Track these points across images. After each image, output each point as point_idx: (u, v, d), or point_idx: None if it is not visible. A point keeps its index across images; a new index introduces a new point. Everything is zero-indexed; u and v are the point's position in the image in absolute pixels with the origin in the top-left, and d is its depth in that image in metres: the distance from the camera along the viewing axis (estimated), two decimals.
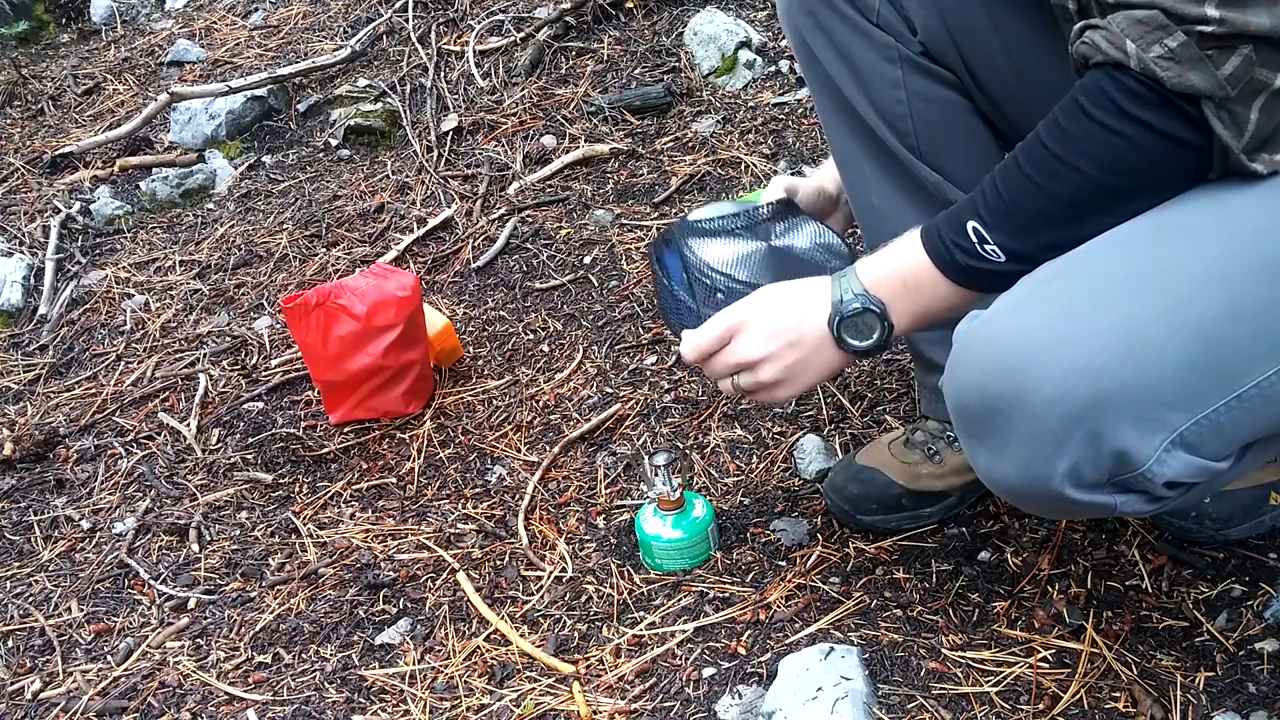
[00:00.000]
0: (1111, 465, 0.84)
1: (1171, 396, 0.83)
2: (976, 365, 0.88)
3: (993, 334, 0.88)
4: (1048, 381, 0.83)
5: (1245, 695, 1.10)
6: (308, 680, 1.39)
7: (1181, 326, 0.83)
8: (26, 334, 2.27)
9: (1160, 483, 0.85)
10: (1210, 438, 0.85)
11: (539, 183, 2.31)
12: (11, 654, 1.53)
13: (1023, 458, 0.86)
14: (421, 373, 1.78)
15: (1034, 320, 0.86)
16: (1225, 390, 0.84)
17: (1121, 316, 0.83)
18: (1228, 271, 0.84)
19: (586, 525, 1.52)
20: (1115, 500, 0.87)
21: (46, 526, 1.75)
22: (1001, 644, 1.20)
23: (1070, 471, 0.85)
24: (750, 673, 1.24)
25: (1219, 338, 0.83)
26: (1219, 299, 0.84)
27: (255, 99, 2.80)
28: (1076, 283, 0.87)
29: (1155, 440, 0.83)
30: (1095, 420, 0.82)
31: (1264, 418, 0.86)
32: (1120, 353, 0.82)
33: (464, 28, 2.83)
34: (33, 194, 2.71)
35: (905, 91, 1.17)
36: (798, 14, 1.20)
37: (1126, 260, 0.87)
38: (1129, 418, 0.82)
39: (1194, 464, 0.85)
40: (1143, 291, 0.85)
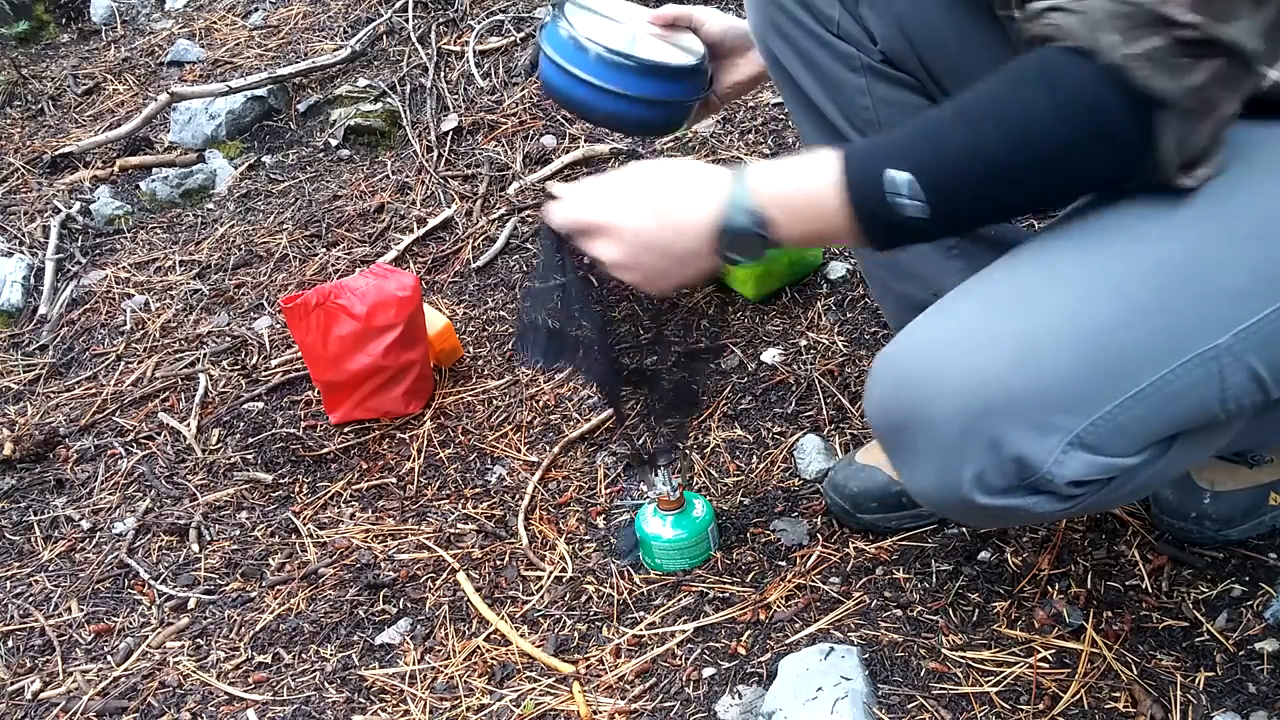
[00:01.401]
0: (1014, 470, 0.87)
1: (1063, 401, 0.86)
2: (884, 385, 0.93)
3: (897, 353, 0.92)
4: (945, 395, 0.87)
5: (1245, 695, 1.10)
6: (308, 680, 1.39)
7: (1070, 335, 0.86)
8: (26, 334, 2.27)
9: (1062, 482, 0.87)
10: (1110, 437, 0.87)
11: (539, 183, 2.31)
12: (11, 654, 1.54)
13: (933, 469, 0.90)
14: (421, 373, 1.78)
15: (931, 338, 0.91)
16: (1119, 391, 0.86)
17: (1012, 329, 0.87)
18: (1118, 278, 0.88)
19: (586, 525, 1.52)
20: (1027, 502, 0.89)
21: (46, 526, 1.75)
22: (1001, 644, 1.20)
23: (977, 479, 0.88)
24: (750, 673, 1.24)
25: (1109, 343, 0.86)
26: (1108, 306, 0.87)
27: (255, 99, 2.80)
28: (972, 301, 0.91)
29: (1051, 443, 0.86)
30: (992, 429, 0.86)
31: (1170, 414, 0.88)
32: (1011, 363, 0.86)
33: (464, 28, 2.83)
34: (33, 194, 2.71)
35: (870, 98, 1.21)
36: (765, 28, 1.23)
37: (1020, 275, 0.91)
38: (1023, 424, 0.85)
39: (1097, 462, 0.87)
40: (1034, 304, 0.88)
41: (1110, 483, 0.90)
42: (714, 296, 1.89)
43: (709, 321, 1.83)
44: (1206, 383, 0.88)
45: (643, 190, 0.99)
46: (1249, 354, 0.87)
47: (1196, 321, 0.87)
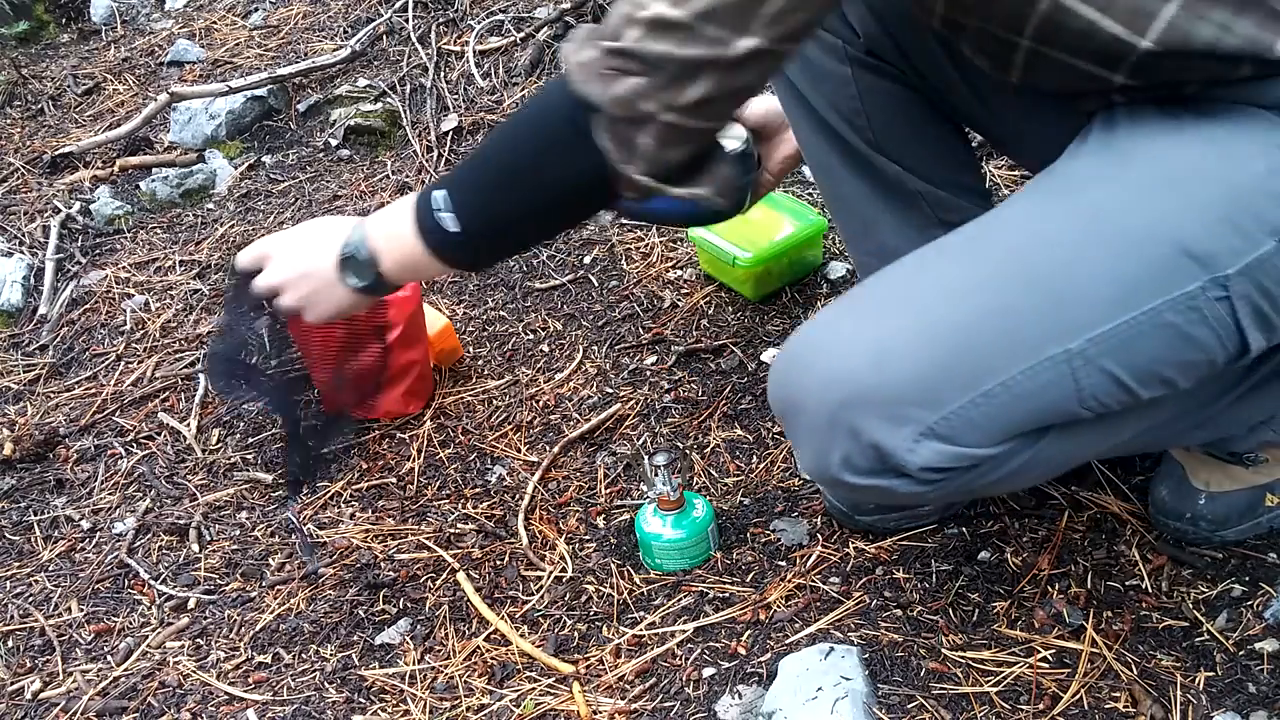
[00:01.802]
0: (874, 455, 0.95)
1: (916, 396, 0.94)
2: (774, 378, 1.04)
3: (785, 352, 1.03)
4: (813, 389, 0.98)
5: (1245, 695, 1.10)
6: (308, 680, 1.39)
7: (926, 337, 0.95)
8: (26, 334, 2.27)
9: (916, 468, 0.95)
10: (962, 430, 0.94)
11: None
12: (11, 654, 1.54)
13: (810, 451, 1.00)
14: (421, 373, 1.78)
15: (808, 338, 1.01)
16: (968, 389, 0.93)
17: (875, 330, 0.96)
18: (974, 285, 0.96)
19: (586, 525, 1.52)
20: (891, 483, 0.97)
21: (46, 526, 1.75)
22: (1001, 644, 1.20)
23: (843, 461, 0.97)
24: (750, 673, 1.24)
25: (959, 345, 0.94)
26: (961, 311, 0.95)
27: (255, 99, 2.80)
28: (846, 304, 1.02)
29: (904, 433, 0.94)
30: (852, 418, 0.95)
31: (1024, 411, 0.95)
32: (870, 361, 0.95)
33: (464, 28, 2.83)
34: (33, 194, 2.71)
35: (856, 88, 1.25)
36: None
37: (891, 280, 1.00)
38: (879, 415, 0.94)
39: (950, 452, 0.95)
40: (897, 308, 0.97)
41: (975, 469, 0.97)
42: (714, 296, 1.89)
43: (709, 321, 1.84)
44: (1058, 384, 0.93)
45: (298, 234, 1.23)
46: (1104, 358, 0.93)
47: (1047, 326, 0.93)
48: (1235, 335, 0.94)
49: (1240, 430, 1.18)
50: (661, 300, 1.92)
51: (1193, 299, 0.92)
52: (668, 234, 2.07)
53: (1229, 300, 0.92)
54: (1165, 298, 0.92)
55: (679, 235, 2.05)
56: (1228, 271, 0.92)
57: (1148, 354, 0.94)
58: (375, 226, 1.13)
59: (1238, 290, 0.92)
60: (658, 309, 1.90)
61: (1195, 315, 0.93)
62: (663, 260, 2.01)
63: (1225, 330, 0.94)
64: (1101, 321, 0.92)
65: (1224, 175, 0.93)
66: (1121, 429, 1.03)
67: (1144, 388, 0.95)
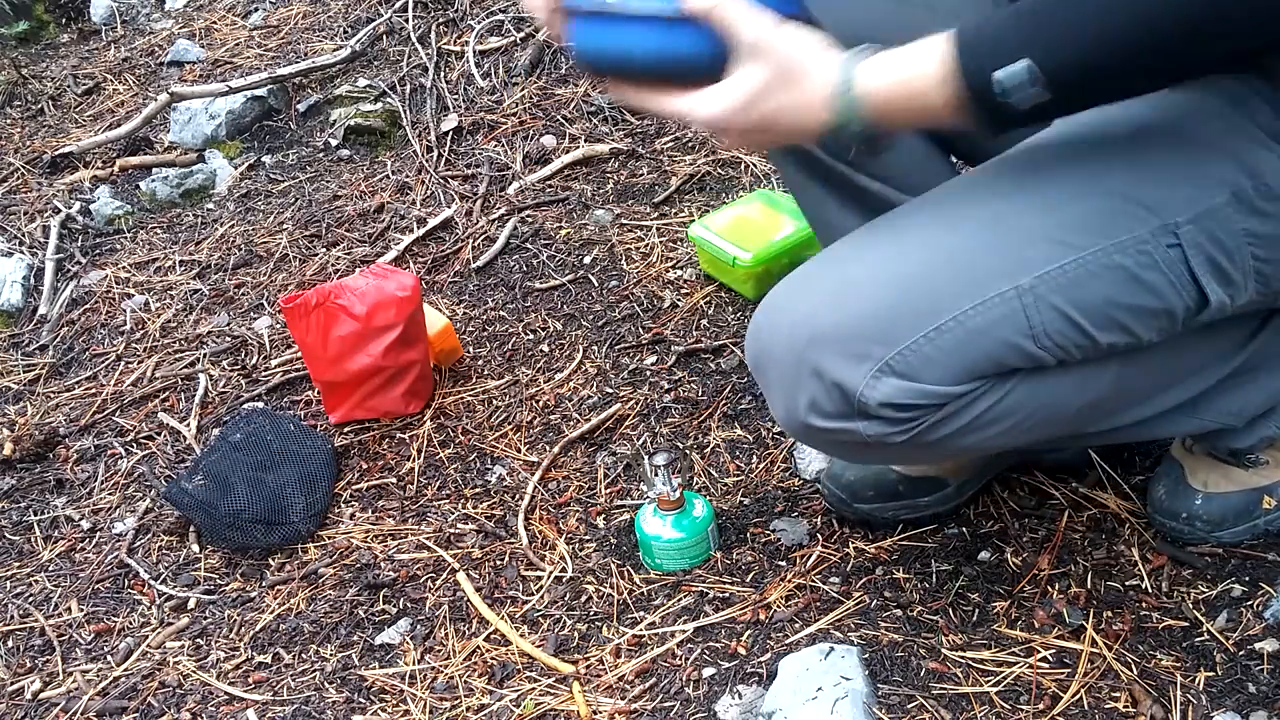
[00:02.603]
0: (838, 394, 0.99)
1: (872, 332, 0.97)
2: (750, 332, 1.07)
3: (760, 307, 1.06)
4: (781, 334, 1.02)
5: (1245, 695, 1.10)
6: (308, 680, 1.39)
7: (881, 278, 0.99)
8: (26, 334, 2.27)
9: (875, 404, 0.98)
10: (920, 365, 0.97)
11: (539, 183, 2.31)
12: (11, 654, 1.54)
13: (780, 400, 1.04)
14: (421, 373, 1.78)
15: (780, 290, 1.05)
16: (922, 325, 0.97)
17: (833, 279, 1.02)
18: (929, 232, 1.00)
19: (586, 525, 1.52)
20: (857, 425, 1.00)
21: (46, 526, 1.75)
22: (1001, 644, 1.20)
23: (810, 405, 1.01)
24: (750, 673, 1.24)
25: (913, 284, 0.98)
26: (916, 254, 0.99)
27: (255, 99, 2.80)
28: (812, 263, 1.05)
29: (862, 369, 0.97)
30: (815, 359, 0.99)
31: (980, 347, 0.97)
32: (830, 302, 1.00)
33: (464, 28, 2.83)
34: (33, 194, 2.71)
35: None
36: None
37: (852, 240, 1.04)
38: (839, 353, 0.98)
39: (909, 388, 0.97)
40: (855, 258, 1.02)
41: (940, 410, 0.99)
42: (714, 296, 1.89)
43: (709, 321, 1.84)
44: (1010, 319, 0.96)
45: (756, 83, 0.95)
46: (1053, 295, 0.96)
47: (997, 265, 0.97)
48: (1191, 285, 0.97)
49: (1238, 422, 1.17)
50: (661, 300, 1.92)
51: (1143, 243, 0.95)
52: (668, 234, 2.07)
53: (1180, 248, 0.96)
54: (1113, 240, 0.95)
55: (679, 235, 2.05)
56: (1178, 219, 0.95)
57: (1099, 294, 0.96)
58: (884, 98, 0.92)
59: (1189, 239, 0.95)
60: (658, 309, 1.90)
61: (1146, 259, 0.95)
62: (663, 260, 2.01)
63: (1179, 278, 0.97)
64: (1050, 260, 0.95)
65: (1178, 131, 0.97)
66: (1091, 384, 1.04)
67: (1100, 330, 0.97)
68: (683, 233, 2.05)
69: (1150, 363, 1.05)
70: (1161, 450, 1.34)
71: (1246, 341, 1.10)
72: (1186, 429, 1.19)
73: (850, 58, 0.93)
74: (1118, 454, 1.38)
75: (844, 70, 0.93)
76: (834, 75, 0.93)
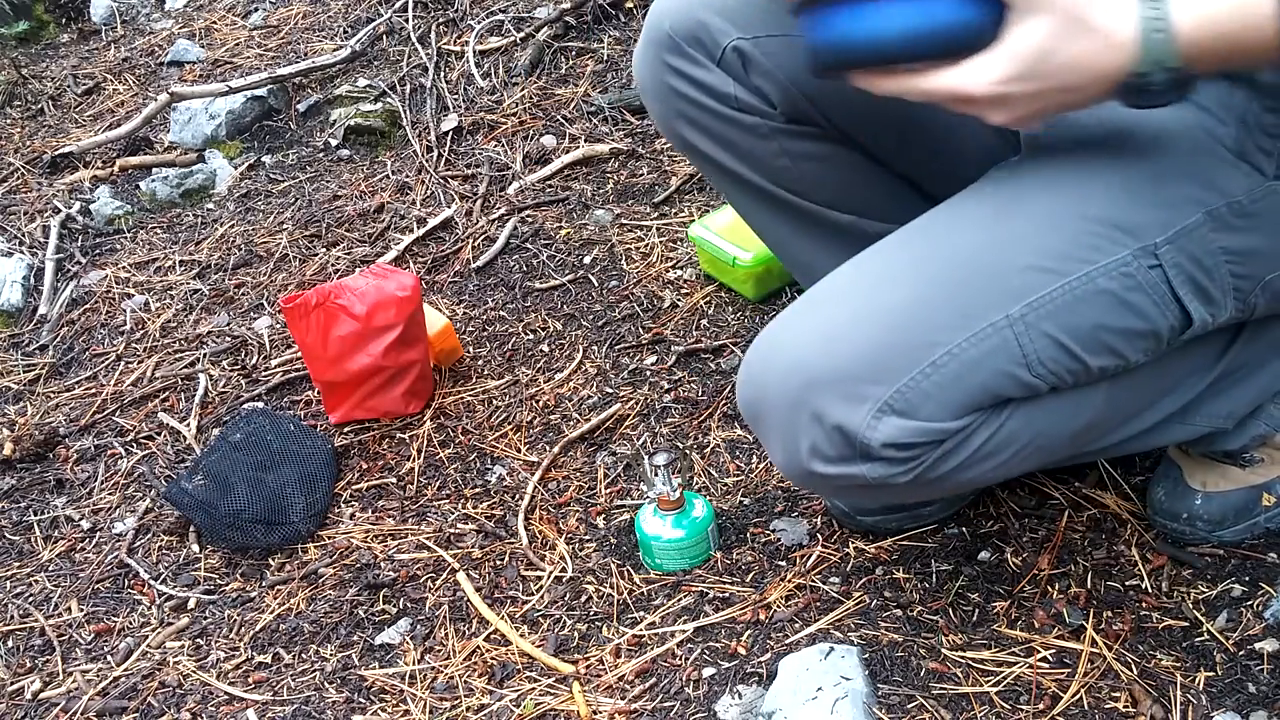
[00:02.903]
0: (839, 438, 0.97)
1: (867, 372, 0.96)
2: (742, 380, 1.05)
3: (750, 354, 1.05)
4: (773, 381, 1.00)
5: (1245, 695, 1.10)
6: (308, 680, 1.39)
7: (869, 317, 0.98)
8: (26, 334, 2.27)
9: (878, 445, 0.96)
10: (919, 402, 0.95)
11: (539, 183, 2.31)
12: (11, 654, 1.54)
13: (780, 447, 1.02)
14: (421, 373, 1.78)
15: (769, 335, 1.03)
16: (917, 361, 0.95)
17: (822, 318, 1.00)
18: (914, 267, 0.99)
19: (586, 525, 1.52)
20: (861, 469, 0.98)
21: (46, 526, 1.75)
22: (1001, 644, 1.20)
23: (812, 450, 0.99)
24: (750, 673, 1.24)
25: (904, 321, 0.96)
26: (904, 290, 0.98)
27: (255, 99, 2.80)
28: (797, 305, 1.03)
29: (862, 410, 0.96)
30: (812, 403, 0.97)
31: (976, 380, 0.96)
32: (820, 347, 0.98)
33: (464, 28, 2.83)
34: (33, 194, 2.71)
35: (788, 158, 1.24)
36: (671, 119, 1.26)
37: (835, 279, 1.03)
38: (836, 396, 0.96)
39: (910, 426, 0.96)
40: (841, 298, 1.01)
41: (940, 446, 0.98)
42: (714, 296, 1.89)
43: (709, 321, 1.84)
44: (1004, 349, 0.95)
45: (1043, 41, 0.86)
46: (1044, 322, 0.95)
47: (985, 296, 0.96)
48: (1174, 304, 0.98)
49: (1228, 424, 1.18)
50: (661, 300, 1.92)
51: (1125, 265, 0.96)
52: (668, 234, 2.07)
53: (1161, 269, 0.96)
54: (1096, 265, 0.96)
55: (679, 235, 2.05)
56: (1156, 240, 0.96)
57: (1088, 319, 0.96)
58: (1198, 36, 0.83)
59: (1169, 259, 0.96)
60: (658, 309, 1.90)
61: (1130, 282, 0.96)
62: (663, 260, 2.01)
63: (1162, 299, 0.97)
64: (1037, 288, 0.95)
65: (1146, 155, 0.98)
66: (1084, 408, 1.04)
67: (1091, 355, 0.97)
68: (683, 233, 2.05)
69: (1137, 381, 1.05)
70: (1160, 451, 1.34)
71: (1225, 349, 1.12)
72: (1180, 436, 1.19)
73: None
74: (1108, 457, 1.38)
75: (1149, 5, 0.83)
76: (1135, 14, 0.83)
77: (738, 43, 1.19)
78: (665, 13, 1.22)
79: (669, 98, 1.24)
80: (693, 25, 1.20)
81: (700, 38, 1.20)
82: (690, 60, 1.21)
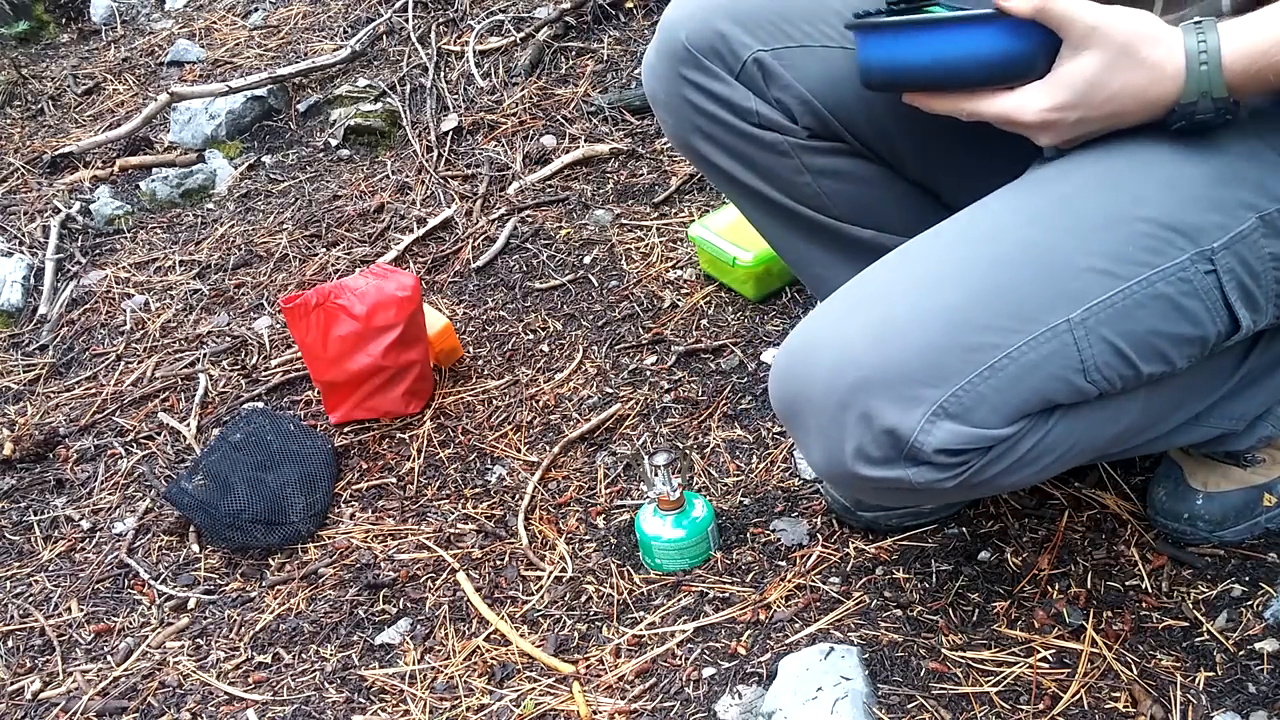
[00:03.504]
0: (887, 441, 0.94)
1: (922, 375, 0.92)
2: (777, 374, 1.01)
3: (788, 346, 1.01)
4: (820, 378, 0.96)
5: (1245, 695, 1.10)
6: (308, 680, 1.39)
7: (926, 315, 0.94)
8: (26, 334, 2.27)
9: (931, 450, 0.93)
10: (974, 407, 0.93)
11: (539, 183, 2.31)
12: (11, 654, 1.54)
13: (821, 447, 0.98)
14: (421, 373, 1.78)
15: (812, 329, 1.00)
16: (975, 364, 0.92)
17: (874, 314, 0.96)
18: (974, 264, 0.96)
19: (586, 525, 1.52)
20: (907, 473, 0.95)
21: (46, 526, 1.75)
22: (1001, 644, 1.20)
23: (857, 452, 0.95)
24: (750, 673, 1.24)
25: (963, 321, 0.93)
26: (959, 290, 0.94)
27: (255, 99, 2.80)
28: (845, 295, 0.99)
29: (916, 414, 0.93)
30: (862, 404, 0.93)
31: (1032, 385, 0.94)
32: (872, 344, 0.94)
33: (464, 28, 2.83)
34: (33, 194, 2.71)
35: (809, 174, 1.22)
36: (687, 133, 1.23)
37: (882, 273, 1.00)
38: (888, 398, 0.93)
39: (963, 432, 0.93)
40: (893, 294, 0.97)
41: (989, 453, 0.96)
42: (714, 296, 1.89)
43: (709, 321, 1.84)
44: (1062, 353, 0.93)
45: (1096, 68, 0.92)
46: (1103, 327, 0.93)
47: (1045, 298, 0.94)
48: (1224, 311, 0.97)
49: (1239, 426, 1.18)
50: (661, 300, 1.92)
51: (1183, 270, 0.94)
52: (668, 234, 2.07)
53: (1216, 275, 0.95)
54: (1155, 269, 0.94)
55: (679, 235, 2.05)
56: (1213, 245, 0.95)
57: (1145, 324, 0.95)
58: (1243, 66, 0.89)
59: (1224, 265, 0.95)
60: (658, 309, 1.90)
61: (1187, 287, 0.95)
62: (663, 260, 2.01)
63: (1214, 305, 0.96)
64: (1097, 292, 0.93)
65: (1200, 156, 0.97)
66: (1123, 414, 1.03)
67: (1144, 361, 0.96)
68: (683, 233, 2.05)
69: (1171, 386, 1.04)
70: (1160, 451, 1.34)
71: (1247, 354, 1.11)
72: (1194, 438, 1.19)
73: (1195, 27, 0.90)
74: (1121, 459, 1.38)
75: (1195, 39, 0.89)
76: (1181, 46, 0.89)
77: (758, 55, 1.16)
78: (680, 23, 1.18)
79: (685, 112, 1.21)
80: (711, 37, 1.16)
81: (719, 50, 1.17)
82: (708, 74, 1.17)
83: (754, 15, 1.16)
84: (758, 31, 1.16)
